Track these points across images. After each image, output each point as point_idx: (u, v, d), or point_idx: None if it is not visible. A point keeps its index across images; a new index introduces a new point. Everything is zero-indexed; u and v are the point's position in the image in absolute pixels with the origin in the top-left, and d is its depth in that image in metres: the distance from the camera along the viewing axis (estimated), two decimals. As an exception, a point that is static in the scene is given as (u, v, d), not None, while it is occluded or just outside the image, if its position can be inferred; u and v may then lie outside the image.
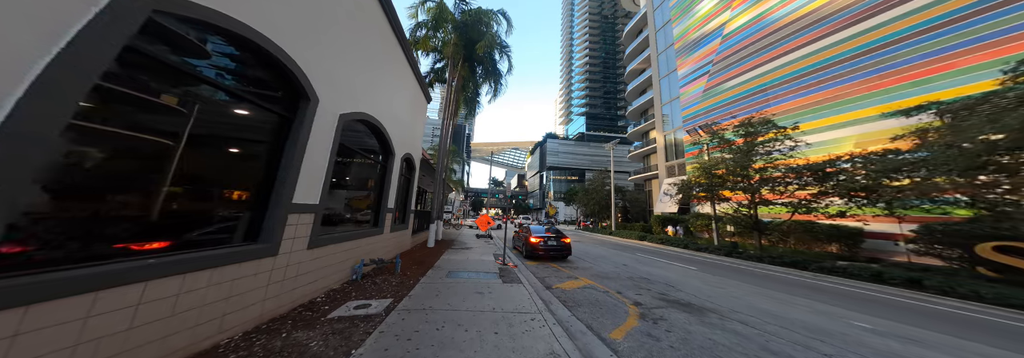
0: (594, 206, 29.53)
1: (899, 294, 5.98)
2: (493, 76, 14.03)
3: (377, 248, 5.72)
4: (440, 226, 12.24)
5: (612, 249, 12.99)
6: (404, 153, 7.06)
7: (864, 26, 12.45)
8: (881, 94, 11.54)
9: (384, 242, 6.09)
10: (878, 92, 11.66)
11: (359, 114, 4.48)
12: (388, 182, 5.97)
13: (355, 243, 4.70)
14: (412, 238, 8.98)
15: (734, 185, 11.22)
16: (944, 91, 9.75)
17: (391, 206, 6.20)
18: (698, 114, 21.84)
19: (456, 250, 9.72)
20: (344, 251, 4.39)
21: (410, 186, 8.25)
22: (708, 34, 22.09)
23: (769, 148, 10.56)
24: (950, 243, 7.30)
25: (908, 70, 10.94)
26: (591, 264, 8.56)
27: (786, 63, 15.50)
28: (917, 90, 10.46)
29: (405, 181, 8.10)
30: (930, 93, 9.99)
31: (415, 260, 7.02)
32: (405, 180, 8.09)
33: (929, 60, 10.44)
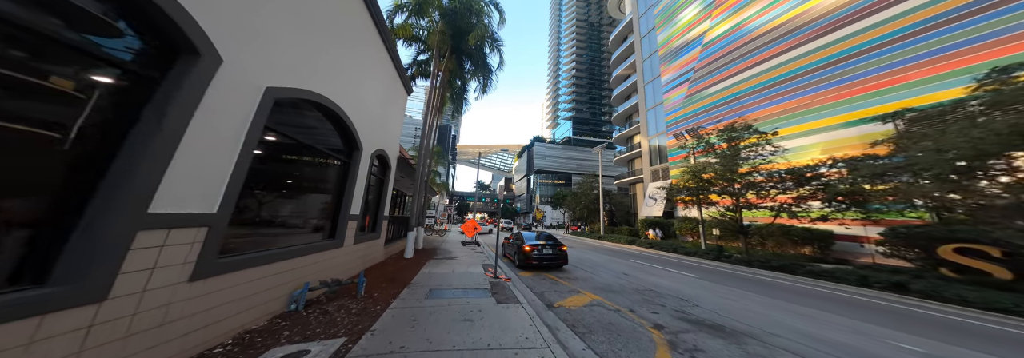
0: (583, 210, 29.28)
1: (897, 300, 5.83)
2: (483, 71, 13.30)
3: (334, 265, 4.66)
4: (421, 233, 11.17)
5: (605, 255, 12.46)
6: (375, 149, 6.08)
7: (828, 39, 13.05)
8: (844, 104, 12.04)
9: (345, 257, 5.01)
10: (841, 102, 12.18)
11: (305, 93, 3.48)
12: (352, 183, 4.95)
13: (294, 262, 3.59)
14: (386, 248, 7.89)
15: (721, 189, 11.11)
16: (901, 101, 10.23)
17: (355, 212, 5.18)
18: (681, 119, 22.24)
19: (439, 260, 8.73)
20: (276, 274, 3.28)
21: (384, 188, 7.23)
22: (690, 42, 22.73)
23: (751, 153, 10.55)
24: (914, 245, 7.44)
25: (868, 81, 11.49)
26: (589, 273, 7.89)
27: (761, 72, 16.05)
28: (876, 100, 11.00)
29: (378, 182, 7.08)
30: (888, 103, 10.51)
31: (387, 276, 5.99)
32: (378, 182, 7.07)
33: (887, 72, 10.98)
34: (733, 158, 10.84)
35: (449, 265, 8.02)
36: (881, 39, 11.27)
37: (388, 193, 7.31)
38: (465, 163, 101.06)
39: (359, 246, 5.68)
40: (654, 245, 15.53)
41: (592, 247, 16.17)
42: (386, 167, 7.26)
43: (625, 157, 33.85)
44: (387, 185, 7.27)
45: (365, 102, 5.46)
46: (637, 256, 12.26)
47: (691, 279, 7.46)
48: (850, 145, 11.11)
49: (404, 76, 8.16)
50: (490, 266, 8.09)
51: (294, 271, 3.61)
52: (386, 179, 7.26)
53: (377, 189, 7.04)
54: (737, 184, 10.35)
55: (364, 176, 5.55)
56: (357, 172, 5.10)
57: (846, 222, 9.08)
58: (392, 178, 7.66)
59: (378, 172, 6.99)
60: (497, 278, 6.59)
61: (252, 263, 2.92)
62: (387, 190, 7.23)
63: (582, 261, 10.21)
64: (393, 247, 8.99)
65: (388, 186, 7.31)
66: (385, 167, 7.25)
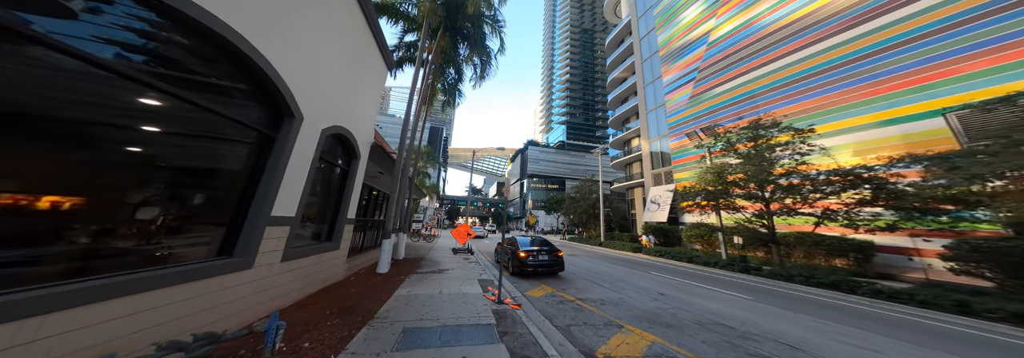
0: (582, 215, 27.83)
1: (1001, 331, 4.51)
2: (481, 53, 11.76)
3: (237, 299, 2.87)
4: (402, 240, 9.33)
5: (618, 265, 10.89)
6: (330, 125, 4.38)
7: (858, 31, 12.25)
8: (879, 101, 11.10)
9: (262, 283, 3.25)
10: (874, 99, 11.21)
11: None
12: (278, 168, 3.24)
13: (99, 310, 1.82)
14: (351, 261, 6.06)
15: (748, 193, 9.81)
16: (954, 96, 9.29)
17: (285, 213, 3.44)
18: (685, 121, 21.37)
19: (424, 275, 6.95)
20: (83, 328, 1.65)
21: (348, 183, 5.47)
22: (693, 41, 22.11)
23: (788, 151, 9.30)
24: (996, 261, 6.13)
25: (909, 75, 10.56)
26: (615, 292, 6.28)
27: (776, 69, 15.20)
28: (920, 96, 10.04)
29: (340, 176, 5.35)
30: (936, 99, 9.53)
31: (341, 305, 4.20)
32: (340, 174, 5.34)
33: (934, 64, 10.09)
34: (760, 158, 9.60)
35: (435, 282, 6.26)
36: (925, 28, 10.30)
37: (354, 189, 5.55)
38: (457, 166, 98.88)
39: (297, 264, 3.89)
40: (664, 254, 14.13)
41: (597, 255, 14.62)
42: (351, 155, 5.53)
43: (622, 161, 32.88)
44: (353, 179, 5.52)
45: (315, 55, 3.80)
46: (654, 267, 10.76)
47: (746, 302, 5.95)
48: (889, 145, 10.06)
49: (384, 47, 6.54)
50: (490, 284, 6.38)
51: (105, 325, 1.82)
52: (352, 171, 5.52)
53: (338, 183, 5.29)
54: (770, 187, 9.03)
55: (307, 160, 3.83)
56: (290, 152, 3.37)
57: (923, 233, 7.67)
58: (361, 170, 5.92)
59: (339, 159, 5.26)
60: (502, 303, 4.90)
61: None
62: (352, 185, 5.48)
63: (598, 274, 8.60)
64: (364, 259, 7.13)
65: (355, 180, 5.56)
66: (350, 155, 5.52)
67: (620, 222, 28.97)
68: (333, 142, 4.94)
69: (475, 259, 10.55)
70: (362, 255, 7.05)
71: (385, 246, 6.58)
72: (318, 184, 4.65)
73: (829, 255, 10.30)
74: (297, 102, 3.44)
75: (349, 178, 5.41)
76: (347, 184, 5.37)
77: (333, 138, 4.86)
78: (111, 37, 1.90)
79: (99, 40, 1.83)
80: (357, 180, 5.67)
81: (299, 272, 3.94)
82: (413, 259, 9.77)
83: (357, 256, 6.54)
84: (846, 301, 6.41)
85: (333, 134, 4.56)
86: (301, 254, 3.95)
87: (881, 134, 10.51)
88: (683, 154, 21.10)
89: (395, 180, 7.02)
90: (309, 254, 4.20)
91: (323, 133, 4.13)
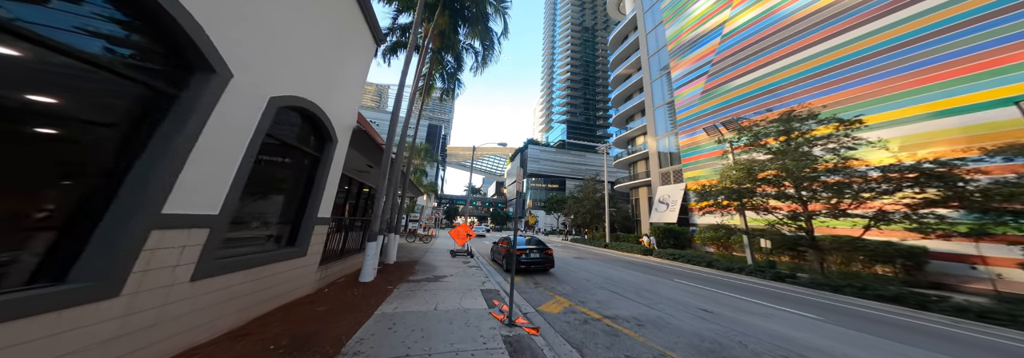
0: (585, 215, 26.78)
1: None
2: (483, 35, 10.66)
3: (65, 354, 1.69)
4: (393, 242, 8.21)
5: (634, 270, 9.83)
6: (287, 94, 3.29)
7: (906, 13, 10.99)
8: (933, 89, 9.85)
9: (127, 321, 1.93)
10: (928, 87, 10.00)
11: None
12: (174, 142, 2.09)
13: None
14: (323, 269, 4.92)
15: (782, 192, 8.74)
16: (1021, 84, 8.18)
17: (198, 210, 2.36)
18: (697, 117, 20.36)
19: (416, 284, 5.84)
20: None
21: (317, 173, 4.34)
22: (706, 34, 21.12)
23: (834, 144, 8.23)
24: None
25: (971, 60, 9.29)
26: (649, 308, 5.19)
27: (804, 59, 14.12)
28: (984, 83, 8.91)
29: (308, 164, 4.23)
30: (1002, 86, 8.46)
31: (298, 331, 3.07)
32: (308, 163, 4.22)
33: (1000, 48, 8.91)
34: (797, 153, 8.54)
35: (430, 294, 5.16)
36: (993, 6, 9.10)
37: (328, 182, 4.42)
38: (455, 165, 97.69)
39: (227, 280, 2.74)
40: (677, 257, 13.10)
41: (606, 258, 13.55)
42: (323, 138, 4.41)
43: (626, 160, 31.87)
44: (326, 168, 4.39)
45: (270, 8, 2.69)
46: (673, 272, 9.70)
47: (814, 322, 4.87)
48: (946, 139, 8.96)
49: (371, 15, 5.43)
50: (495, 295, 5.28)
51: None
52: (325, 159, 4.39)
53: (305, 173, 4.17)
54: (815, 184, 7.94)
55: (243, 136, 2.72)
56: (204, 119, 2.25)
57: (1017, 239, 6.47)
58: (338, 158, 4.80)
59: (308, 141, 4.14)
60: (513, 324, 3.83)
61: None
62: (325, 177, 4.35)
63: (617, 282, 7.50)
64: (346, 265, 6.00)
65: (329, 170, 4.43)
66: (322, 138, 4.40)
67: (623, 223, 28.01)
68: (296, 120, 3.83)
69: (476, 263, 9.44)
70: (345, 260, 5.92)
71: (369, 250, 5.46)
72: (271, 172, 3.54)
73: (870, 262, 9.26)
74: (223, 55, 2.34)
75: (321, 167, 4.29)
76: (318, 175, 4.24)
77: (295, 114, 3.75)
78: None
79: None
80: (332, 170, 4.55)
81: (232, 291, 2.81)
82: (406, 263, 8.66)
83: (335, 263, 5.42)
84: (924, 320, 5.36)
85: (293, 108, 3.46)
86: (237, 266, 2.83)
87: (935, 126, 9.36)
88: (695, 151, 20.10)
89: (383, 173, 5.89)
90: (254, 264, 3.08)
91: (273, 103, 3.02)
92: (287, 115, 3.49)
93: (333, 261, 5.34)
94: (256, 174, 3.09)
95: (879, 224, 7.30)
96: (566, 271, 9.20)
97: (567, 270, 9.42)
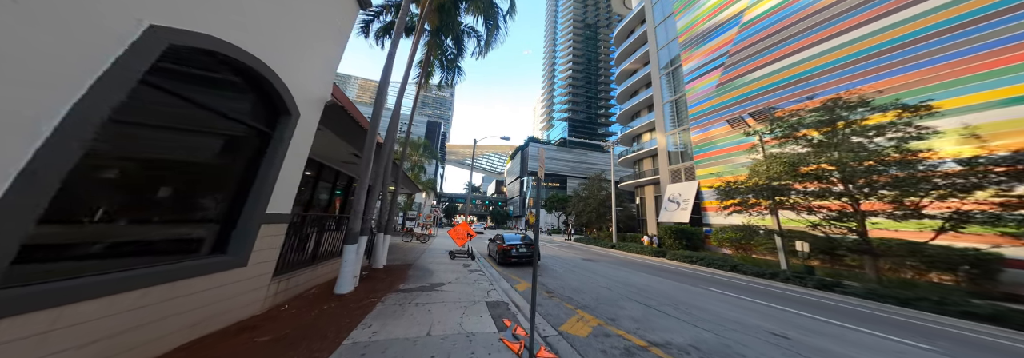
0: (590, 214, 25.70)
1: None
2: (486, 12, 9.48)
3: None
4: (383, 244, 7.06)
5: (656, 276, 8.72)
6: (185, 29, 2.16)
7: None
8: (1006, 72, 8.48)
9: None
10: (999, 70, 8.58)
11: None
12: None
13: None
14: (280, 282, 3.73)
15: (828, 189, 7.63)
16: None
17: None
18: (712, 110, 19.27)
19: (407, 295, 4.70)
20: None
21: (268, 154, 3.15)
22: (722, 23, 19.99)
23: (896, 134, 7.09)
24: None
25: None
26: (703, 330, 4.06)
27: (842, 44, 12.79)
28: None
29: (252, 142, 3.06)
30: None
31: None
32: (253, 141, 3.06)
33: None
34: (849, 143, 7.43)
35: (423, 310, 4.02)
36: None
37: (282, 167, 3.23)
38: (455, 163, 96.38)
39: (62, 314, 1.59)
40: (695, 259, 12.04)
41: (617, 260, 12.45)
42: (276, 109, 3.23)
43: (631, 157, 30.80)
44: (281, 150, 3.20)
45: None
46: (703, 279, 8.59)
47: (936, 356, 3.76)
48: (1021, 130, 7.87)
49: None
50: (504, 311, 4.16)
51: None
52: (279, 136, 3.21)
53: (247, 153, 3.00)
54: (881, 178, 6.78)
55: (83, 77, 1.55)
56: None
57: None
58: (300, 137, 3.61)
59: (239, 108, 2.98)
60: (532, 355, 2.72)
61: None
62: (278, 160, 3.16)
63: (645, 291, 6.35)
64: (317, 273, 4.82)
65: (282, 152, 3.24)
66: (274, 109, 3.22)
67: (627, 222, 27.01)
68: (229, 78, 2.66)
69: (478, 266, 8.31)
70: (318, 267, 4.76)
71: (347, 255, 4.30)
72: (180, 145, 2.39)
73: (926, 268, 8.16)
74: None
75: (272, 148, 3.12)
76: (268, 158, 3.07)
77: (227, 70, 2.58)
78: None
79: None
80: (293, 153, 3.38)
81: (87, 329, 1.66)
82: (398, 267, 7.51)
83: (303, 270, 4.26)
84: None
85: (216, 56, 2.30)
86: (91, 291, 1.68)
87: (1008, 115, 8.19)
88: (709, 147, 19.01)
89: (365, 160, 4.72)
90: (129, 287, 1.91)
91: (152, 34, 1.84)
92: (192, 59, 2.33)
93: (300, 268, 4.18)
94: (139, 143, 1.94)
95: (958, 226, 6.18)
96: (579, 276, 8.10)
97: (579, 275, 8.32)
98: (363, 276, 5.97)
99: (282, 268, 3.71)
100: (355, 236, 4.41)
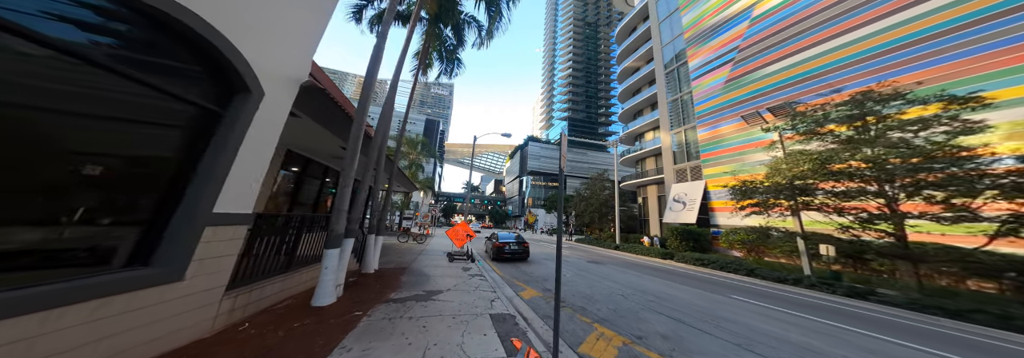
0: (593, 214, 25.08)
1: None
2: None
3: None
4: (375, 246, 6.35)
5: (670, 281, 8.06)
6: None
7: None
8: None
9: None
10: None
11: None
12: None
13: None
14: (238, 297, 3.01)
15: (861, 188, 6.99)
16: None
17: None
18: (720, 108, 18.67)
19: (399, 305, 4.01)
20: None
21: (218, 135, 2.44)
22: (731, 18, 19.38)
23: (948, 127, 6.42)
24: None
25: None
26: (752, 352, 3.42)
27: (868, 35, 12.00)
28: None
29: (200, 123, 2.35)
30: None
31: None
32: (200, 122, 2.35)
33: None
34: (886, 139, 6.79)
35: (416, 326, 3.34)
36: None
37: (237, 154, 2.52)
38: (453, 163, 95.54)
39: None
40: (706, 262, 11.42)
41: (625, 263, 11.80)
42: (231, 86, 2.52)
43: (633, 157, 30.21)
44: (231, 132, 2.48)
45: None
46: (722, 285, 7.96)
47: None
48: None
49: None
50: (511, 327, 3.50)
51: None
52: (232, 116, 2.50)
53: (194, 139, 2.29)
54: (930, 176, 6.08)
55: None
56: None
57: None
58: (263, 120, 2.89)
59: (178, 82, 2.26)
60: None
61: None
62: (228, 145, 2.44)
63: (670, 302, 5.64)
64: (288, 284, 4.11)
65: (238, 135, 2.53)
66: (228, 85, 2.50)
67: (628, 223, 26.45)
68: (164, 44, 1.97)
69: (478, 270, 7.63)
70: (292, 275, 4.05)
71: (327, 261, 3.60)
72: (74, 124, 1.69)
73: (967, 275, 7.52)
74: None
75: (223, 131, 2.41)
76: (217, 142, 2.37)
77: (163, 36, 1.89)
78: None
79: None
80: (252, 137, 2.67)
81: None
82: (391, 271, 6.81)
83: (273, 279, 3.55)
84: None
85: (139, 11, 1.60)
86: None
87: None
88: (717, 146, 18.42)
89: (350, 150, 4.01)
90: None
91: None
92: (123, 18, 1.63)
93: (270, 277, 3.48)
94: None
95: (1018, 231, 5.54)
96: (588, 281, 7.44)
97: (589, 279, 7.67)
98: (350, 283, 5.27)
99: (244, 278, 3.02)
100: (338, 239, 3.70)
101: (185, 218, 2.19)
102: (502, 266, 9.80)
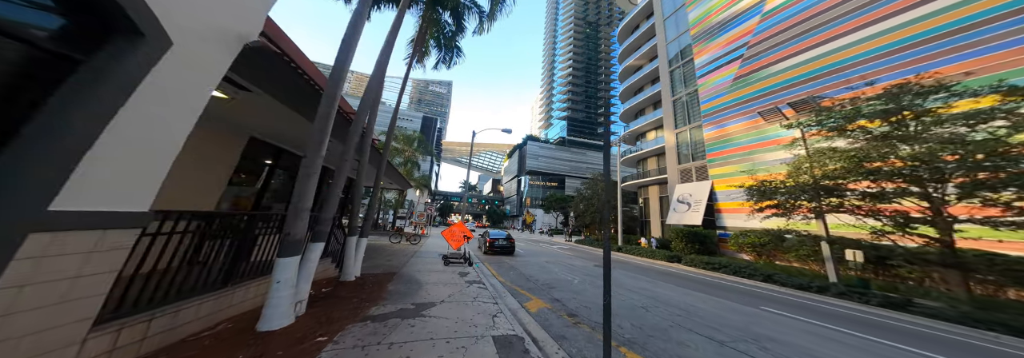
0: (594, 215, 24.35)
1: None
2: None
3: None
4: (357, 249, 5.48)
5: (687, 288, 7.29)
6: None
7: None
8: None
9: None
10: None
11: None
12: None
13: None
14: (113, 334, 2.11)
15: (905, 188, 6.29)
16: None
17: None
18: (728, 106, 18.04)
19: (379, 326, 3.14)
20: None
21: (69, 90, 1.58)
22: (740, 13, 18.75)
23: (999, 122, 5.74)
24: None
25: None
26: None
27: (900, 25, 11.16)
28: None
29: (38, 74, 1.48)
30: None
31: None
32: (38, 73, 1.47)
33: None
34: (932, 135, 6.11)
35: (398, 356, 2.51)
36: None
37: (106, 118, 1.68)
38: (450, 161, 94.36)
39: None
40: (717, 266, 10.75)
41: (633, 267, 11.05)
42: (107, 24, 1.66)
43: (634, 156, 29.57)
44: (98, 85, 1.65)
45: None
46: (744, 293, 7.22)
47: None
48: None
49: None
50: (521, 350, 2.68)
51: None
52: (103, 65, 1.65)
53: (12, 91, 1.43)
54: (988, 176, 5.37)
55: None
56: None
57: None
58: (173, 77, 2.04)
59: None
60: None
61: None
62: (89, 105, 1.60)
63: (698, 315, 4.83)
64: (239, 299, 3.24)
65: (117, 97, 1.71)
66: (103, 23, 1.64)
67: (628, 224, 25.83)
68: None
69: (477, 275, 6.80)
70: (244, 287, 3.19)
71: (278, 274, 2.74)
72: None
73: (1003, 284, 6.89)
74: None
75: (76, 85, 1.56)
76: (64, 100, 1.52)
77: None
78: None
79: None
80: (147, 100, 1.83)
81: None
82: (376, 278, 5.94)
83: (207, 298, 2.69)
84: None
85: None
86: None
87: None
88: (724, 145, 17.78)
89: (316, 129, 3.14)
90: None
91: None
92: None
93: (191, 298, 2.61)
94: None
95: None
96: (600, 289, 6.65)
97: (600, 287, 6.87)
98: (321, 295, 4.40)
99: (141, 302, 2.16)
100: (295, 245, 2.83)
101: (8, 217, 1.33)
102: (500, 268, 9.02)
